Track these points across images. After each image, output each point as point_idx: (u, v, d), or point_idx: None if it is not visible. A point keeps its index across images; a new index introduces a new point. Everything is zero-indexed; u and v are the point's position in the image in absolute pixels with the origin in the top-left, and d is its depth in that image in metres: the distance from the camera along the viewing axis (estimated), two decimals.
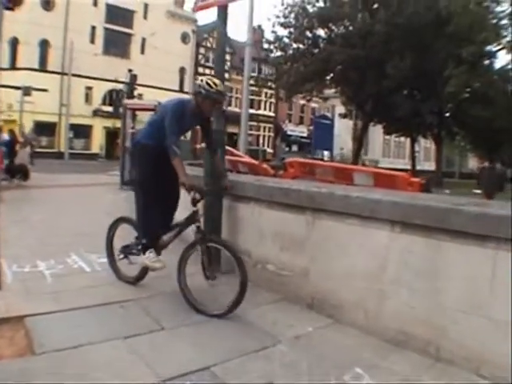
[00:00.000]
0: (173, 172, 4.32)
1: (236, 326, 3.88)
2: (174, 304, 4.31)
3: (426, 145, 64.25)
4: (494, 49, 21.67)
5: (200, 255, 4.20)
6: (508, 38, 18.16)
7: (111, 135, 38.34)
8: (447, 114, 35.70)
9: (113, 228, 5.22)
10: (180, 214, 4.68)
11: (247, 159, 5.69)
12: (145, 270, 4.71)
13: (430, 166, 50.47)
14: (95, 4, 40.98)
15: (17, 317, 3.72)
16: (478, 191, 16.40)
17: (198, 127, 4.88)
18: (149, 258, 4.52)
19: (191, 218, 4.35)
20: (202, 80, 4.45)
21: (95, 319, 3.86)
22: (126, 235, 5.03)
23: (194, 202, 4.26)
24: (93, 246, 6.19)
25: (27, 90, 24.07)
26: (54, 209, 9.72)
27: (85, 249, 6.09)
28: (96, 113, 41.27)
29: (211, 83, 4.36)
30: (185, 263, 4.35)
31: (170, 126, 4.29)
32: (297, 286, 4.44)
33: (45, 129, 36.63)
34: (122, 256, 4.90)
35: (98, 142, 41.72)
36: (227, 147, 6.81)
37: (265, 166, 5.12)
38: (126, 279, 4.90)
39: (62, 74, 38.44)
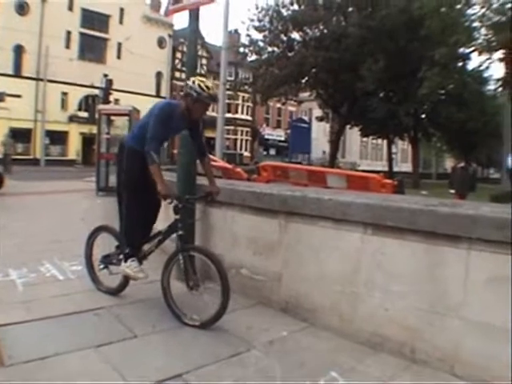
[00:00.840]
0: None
1: (209, 331, 3.85)
2: (146, 311, 4.27)
3: (403, 146, 64.88)
4: (467, 51, 21.93)
5: (182, 264, 4.09)
6: (480, 40, 18.40)
7: (88, 141, 37.94)
8: (423, 116, 36.09)
9: (92, 237, 5.06)
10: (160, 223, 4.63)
11: (221, 163, 5.66)
12: (126, 280, 4.58)
13: (408, 167, 50.89)
14: (70, 8, 40.59)
15: None
16: (453, 191, 16.53)
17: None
18: (131, 266, 4.38)
19: (173, 227, 4.24)
20: (193, 82, 4.22)
21: (67, 328, 3.78)
22: (105, 245, 4.93)
23: (176, 210, 4.14)
24: (67, 254, 6.13)
25: (1, 96, 23.74)
26: (29, 216, 9.58)
27: (58, 256, 6.00)
28: (72, 119, 40.87)
29: (203, 86, 4.16)
30: (169, 274, 4.27)
31: (153, 130, 4.09)
32: (271, 291, 4.42)
33: (20, 135, 36.17)
34: (102, 266, 4.75)
35: (74, 148, 41.30)
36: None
37: (238, 169, 5.10)
38: (106, 290, 4.76)
39: (38, 79, 38.02)
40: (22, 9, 37.54)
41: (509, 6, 16.95)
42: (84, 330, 3.77)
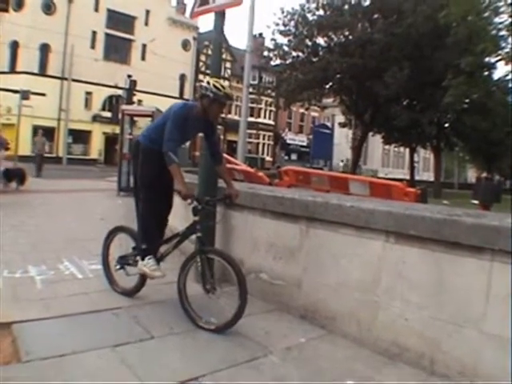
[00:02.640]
0: (170, 179, 4.26)
1: (227, 335, 3.82)
2: (164, 313, 4.27)
3: (425, 155, 64.49)
4: (493, 60, 21.71)
5: (200, 266, 4.06)
6: (507, 49, 18.18)
7: (110, 141, 38.30)
8: (446, 125, 35.82)
9: (109, 237, 5.04)
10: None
11: (243, 167, 5.64)
12: (142, 282, 4.56)
13: (429, 176, 50.63)
14: (96, 9, 41.05)
15: (4, 323, 3.65)
16: (476, 202, 16.37)
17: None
18: (148, 264, 4.34)
19: (191, 228, 4.23)
20: (208, 82, 4.21)
21: (85, 327, 3.79)
22: (123, 245, 4.91)
23: (195, 212, 4.13)
24: (86, 253, 6.18)
25: (25, 94, 23.96)
26: (49, 214, 9.67)
27: (78, 255, 6.05)
28: (95, 118, 41.25)
29: (219, 86, 4.17)
30: (185, 275, 4.24)
31: (170, 132, 4.06)
32: (290, 296, 4.39)
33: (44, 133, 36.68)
34: (118, 267, 4.72)
35: (96, 147, 41.67)
36: (223, 154, 6.78)
37: (260, 174, 5.08)
38: (122, 291, 4.73)
39: (62, 78, 38.45)
40: (48, 8, 38.04)
41: None
42: (101, 330, 3.78)
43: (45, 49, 38.11)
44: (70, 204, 11.75)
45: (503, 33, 18.47)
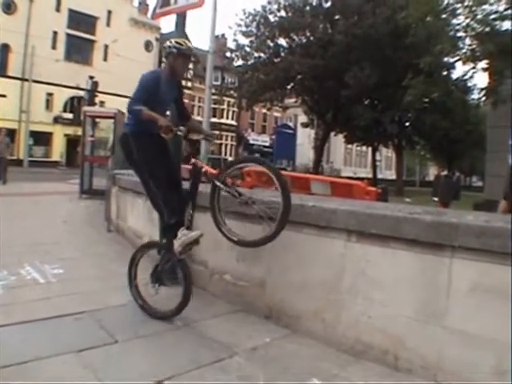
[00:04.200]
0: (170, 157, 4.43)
1: (192, 337, 3.82)
2: (128, 316, 4.23)
3: (387, 154, 65.33)
4: (451, 60, 22.15)
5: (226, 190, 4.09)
6: (464, 50, 18.59)
7: (72, 143, 37.77)
8: (407, 124, 36.37)
9: (136, 257, 4.56)
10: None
11: (206, 168, 5.61)
12: (185, 299, 4.09)
13: (392, 174, 51.27)
14: (58, 9, 40.46)
15: None
16: (437, 199, 16.68)
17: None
18: (185, 234, 4.10)
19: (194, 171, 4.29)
20: (170, 41, 4.32)
21: (47, 333, 3.73)
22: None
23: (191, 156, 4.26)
24: (48, 257, 6.10)
25: None
26: (10, 218, 9.47)
27: (40, 259, 5.94)
28: (57, 120, 40.65)
29: (180, 41, 4.31)
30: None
31: (135, 93, 4.16)
32: (254, 297, 4.40)
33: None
34: (157, 285, 4.28)
35: (58, 149, 41.06)
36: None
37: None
38: (162, 315, 4.20)
39: (23, 79, 37.79)
40: (8, 8, 37.36)
41: (492, 17, 17.18)
42: (64, 335, 3.72)
43: (5, 49, 37.41)
44: (31, 207, 11.54)
45: (460, 34, 18.87)
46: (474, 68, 19.25)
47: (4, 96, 31.48)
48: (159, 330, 3.92)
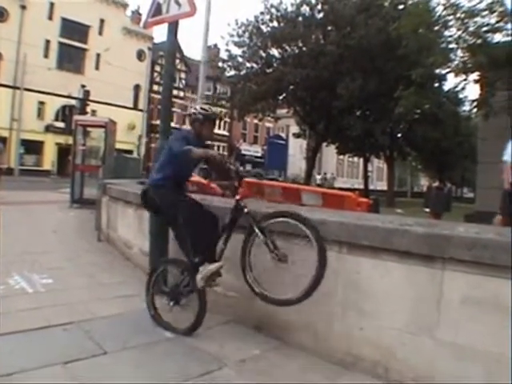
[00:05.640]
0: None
1: (181, 349, 3.79)
2: (117, 327, 4.19)
3: (378, 165, 65.50)
4: (443, 71, 22.26)
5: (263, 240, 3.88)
6: (456, 62, 18.69)
7: (63, 152, 37.53)
8: (399, 135, 36.50)
9: (159, 268, 4.65)
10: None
11: (196, 178, 5.63)
12: (199, 318, 4.13)
13: (383, 185, 51.35)
14: (50, 17, 40.41)
15: None
16: (428, 210, 16.73)
17: None
18: (205, 269, 4.10)
19: (236, 209, 4.16)
20: (195, 109, 4.60)
21: (35, 343, 3.69)
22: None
23: (235, 189, 4.25)
24: (37, 266, 6.05)
25: None
26: None
27: (28, 269, 5.89)
28: (48, 128, 40.49)
29: (205, 107, 4.64)
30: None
31: (176, 142, 4.33)
32: (244, 308, 4.37)
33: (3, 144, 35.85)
34: (172, 303, 4.34)
35: (49, 158, 40.88)
36: None
37: (213, 185, 5.08)
38: (183, 332, 4.18)
39: (14, 87, 37.67)
40: (1, 15, 37.28)
41: (484, 29, 17.30)
42: (52, 346, 3.68)
43: None
44: (21, 216, 11.46)
45: (452, 45, 18.96)
46: (465, 80, 19.32)
47: None
48: (148, 342, 3.89)
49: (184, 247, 4.46)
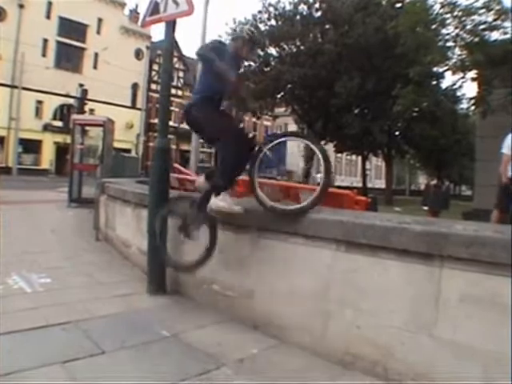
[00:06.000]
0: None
1: (179, 348, 3.78)
2: (115, 326, 4.17)
3: (377, 163, 65.66)
4: (441, 70, 22.31)
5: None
6: (454, 60, 18.73)
7: (62, 151, 37.58)
8: (397, 133, 36.54)
9: (166, 209, 4.91)
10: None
11: (194, 177, 5.62)
12: (208, 252, 4.36)
13: (381, 183, 51.44)
14: (48, 16, 40.46)
15: None
16: (426, 208, 16.76)
17: None
18: (225, 199, 4.23)
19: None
20: (242, 27, 4.71)
21: (33, 343, 3.67)
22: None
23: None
24: (35, 266, 6.03)
25: None
26: None
27: (27, 268, 5.87)
28: (46, 127, 40.52)
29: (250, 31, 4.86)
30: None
31: (207, 45, 4.49)
32: (242, 307, 4.37)
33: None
34: (182, 235, 4.60)
35: (47, 157, 40.92)
36: (175, 165, 6.77)
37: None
38: (187, 267, 4.64)
39: (12, 86, 37.67)
40: None
41: (482, 27, 17.34)
42: (50, 345, 3.66)
43: None
44: (19, 216, 11.44)
45: (450, 44, 19.00)
46: (463, 78, 19.39)
47: None
48: (146, 341, 3.87)
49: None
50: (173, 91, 38.61)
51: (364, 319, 3.48)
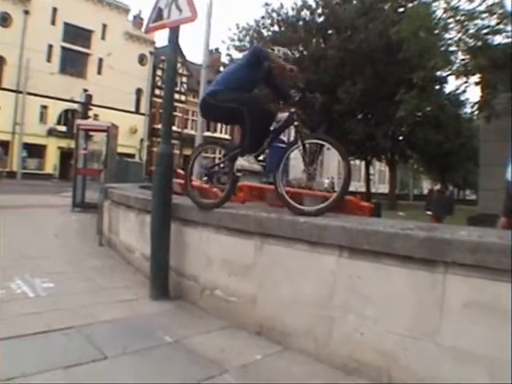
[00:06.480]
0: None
1: (182, 353, 3.76)
2: (117, 331, 4.16)
3: (380, 168, 65.58)
4: (444, 74, 22.27)
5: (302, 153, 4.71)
6: (457, 64, 18.70)
7: (66, 156, 37.79)
8: (400, 138, 36.49)
9: (196, 153, 5.54)
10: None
11: (198, 183, 5.62)
12: (227, 195, 4.90)
13: (385, 188, 51.39)
14: (53, 22, 40.74)
15: None
16: (430, 213, 16.71)
17: None
18: (249, 159, 4.73)
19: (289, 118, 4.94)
20: (278, 50, 5.17)
21: (35, 348, 3.66)
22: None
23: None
24: (39, 270, 6.04)
25: None
26: (0, 231, 9.43)
27: (30, 273, 5.87)
28: (51, 132, 40.70)
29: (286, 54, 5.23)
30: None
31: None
32: (245, 313, 4.35)
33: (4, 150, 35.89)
34: (206, 178, 5.26)
35: (52, 162, 41.07)
36: (178, 170, 6.79)
37: (214, 189, 5.09)
38: (205, 205, 4.98)
39: (17, 91, 37.84)
40: (4, 20, 37.58)
41: (484, 31, 17.31)
42: (52, 350, 3.64)
43: (0, 61, 37.50)
44: (23, 220, 11.47)
45: (453, 48, 18.98)
46: (466, 82, 19.37)
47: None
48: (149, 346, 3.85)
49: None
50: (176, 96, 38.72)
51: (368, 325, 3.46)
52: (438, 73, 22.09)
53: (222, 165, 5.21)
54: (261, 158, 4.87)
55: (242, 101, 4.75)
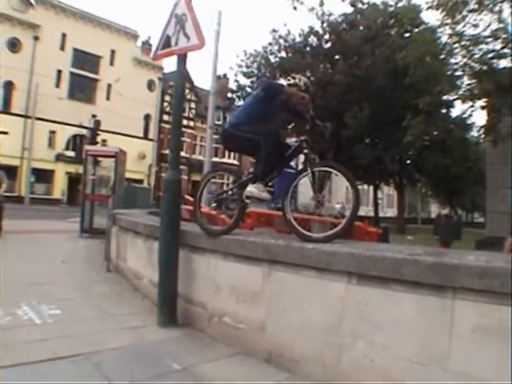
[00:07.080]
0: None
1: (190, 381, 3.72)
2: (125, 359, 4.15)
3: (388, 191, 65.47)
4: (450, 98, 22.32)
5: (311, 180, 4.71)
6: (463, 89, 18.75)
7: (74, 181, 37.93)
8: (408, 162, 36.49)
9: (208, 177, 5.57)
10: None
11: (206, 210, 5.62)
12: (236, 223, 4.96)
13: (393, 212, 51.24)
14: (62, 48, 41.27)
15: None
16: (438, 237, 16.61)
17: None
18: (258, 187, 4.78)
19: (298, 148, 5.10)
20: (300, 79, 5.58)
21: (41, 376, 3.62)
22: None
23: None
24: (46, 297, 6.03)
25: None
26: (8, 256, 9.43)
27: (37, 299, 5.87)
28: (59, 157, 40.96)
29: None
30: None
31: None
32: (254, 340, 4.33)
33: (5, 172, 36.02)
34: (215, 205, 5.28)
35: (60, 187, 41.26)
36: (186, 196, 6.83)
37: (222, 216, 5.11)
38: (212, 231, 5.00)
39: (26, 116, 38.19)
40: (13, 46, 38.12)
41: (490, 55, 17.39)
42: (59, 379, 3.62)
43: (9, 86, 37.99)
44: (30, 246, 11.49)
45: (459, 73, 19.04)
46: (472, 106, 19.39)
47: (6, 133, 31.75)
48: (157, 374, 3.83)
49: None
50: (184, 122, 38.95)
51: (377, 352, 3.43)
52: (445, 97, 22.14)
53: (230, 192, 5.29)
54: (269, 183, 4.89)
55: (259, 132, 4.88)
